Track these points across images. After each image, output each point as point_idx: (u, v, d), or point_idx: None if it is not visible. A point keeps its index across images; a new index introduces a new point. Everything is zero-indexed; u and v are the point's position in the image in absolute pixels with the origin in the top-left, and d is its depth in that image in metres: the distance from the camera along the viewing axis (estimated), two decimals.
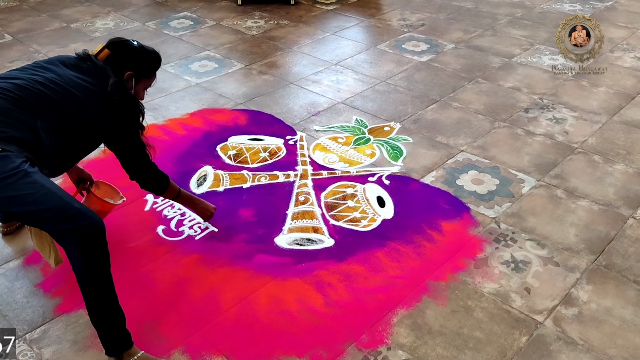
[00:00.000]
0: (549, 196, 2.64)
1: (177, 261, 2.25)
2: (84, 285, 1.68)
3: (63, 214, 1.61)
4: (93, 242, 1.64)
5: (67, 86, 1.82)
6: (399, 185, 2.71)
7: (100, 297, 1.71)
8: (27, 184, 1.59)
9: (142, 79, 2.05)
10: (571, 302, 2.09)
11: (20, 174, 1.58)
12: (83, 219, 1.63)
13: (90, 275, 1.67)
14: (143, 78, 2.05)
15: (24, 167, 1.60)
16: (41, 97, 1.75)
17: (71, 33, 4.43)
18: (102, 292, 1.71)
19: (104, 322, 1.74)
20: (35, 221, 1.70)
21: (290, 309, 2.04)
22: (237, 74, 3.82)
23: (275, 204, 2.58)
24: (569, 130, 3.18)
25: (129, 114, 1.95)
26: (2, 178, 1.57)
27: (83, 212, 1.64)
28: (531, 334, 1.96)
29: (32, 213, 1.62)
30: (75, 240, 1.62)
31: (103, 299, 1.71)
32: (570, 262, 2.26)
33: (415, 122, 3.24)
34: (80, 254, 1.64)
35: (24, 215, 1.67)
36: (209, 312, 2.03)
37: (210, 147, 2.99)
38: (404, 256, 2.28)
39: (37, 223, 1.71)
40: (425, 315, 2.02)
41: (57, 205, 1.61)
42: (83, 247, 1.63)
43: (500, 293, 2.12)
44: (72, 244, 1.63)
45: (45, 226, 1.69)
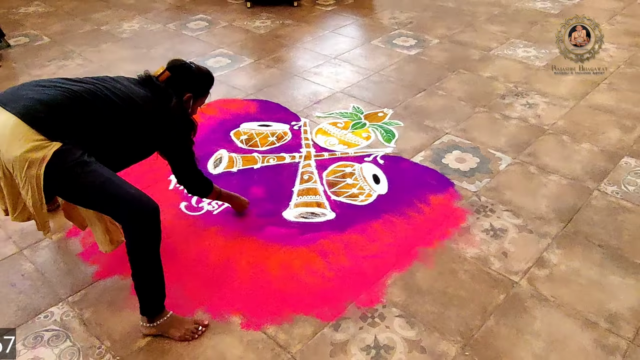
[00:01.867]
0: (523, 172, 2.61)
1: (198, 233, 2.24)
2: (134, 259, 1.65)
3: (119, 199, 1.56)
4: (146, 224, 1.59)
5: (132, 95, 1.73)
6: (391, 164, 2.68)
7: (147, 271, 1.68)
8: (87, 173, 1.54)
9: (199, 99, 1.96)
10: (543, 264, 2.07)
11: (81, 164, 1.54)
12: (137, 203, 1.58)
13: (140, 252, 1.64)
14: (199, 97, 1.96)
15: (83, 158, 1.55)
16: (106, 101, 1.66)
17: (101, 34, 4.36)
18: (149, 267, 1.67)
19: (147, 292, 1.72)
20: (94, 205, 1.65)
21: (297, 273, 2.03)
22: (247, 68, 3.77)
23: (283, 182, 2.56)
24: (540, 114, 3.13)
25: (185, 130, 1.87)
26: (65, 169, 1.52)
27: (138, 197, 1.59)
28: (508, 293, 1.95)
29: (92, 198, 1.58)
30: (130, 222, 1.59)
31: (150, 273, 1.68)
32: (542, 230, 2.24)
33: (405, 109, 3.20)
34: (134, 234, 1.60)
35: (85, 201, 1.62)
36: (226, 276, 2.02)
37: (225, 132, 2.96)
38: (397, 226, 2.26)
39: (96, 207, 1.66)
40: (416, 277, 2.01)
41: (114, 191, 1.57)
42: (136, 228, 1.59)
43: (480, 257, 2.11)
44: (126, 224, 1.60)
45: (104, 210, 1.65)
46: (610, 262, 2.08)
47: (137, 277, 1.68)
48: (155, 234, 1.63)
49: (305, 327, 1.83)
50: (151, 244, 1.64)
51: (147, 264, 1.67)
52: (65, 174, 1.53)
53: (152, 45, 4.15)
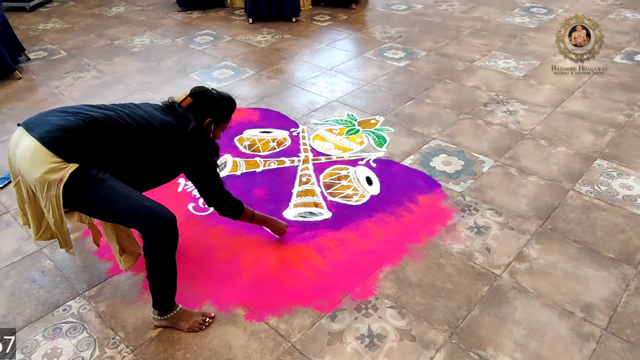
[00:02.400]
0: (504, 174, 2.63)
1: (205, 232, 2.25)
2: (151, 265, 1.64)
3: (136, 212, 1.55)
4: (162, 234, 1.58)
5: (151, 120, 1.69)
6: (383, 167, 2.69)
7: (163, 274, 1.67)
8: (103, 189, 1.53)
9: (220, 124, 1.90)
10: (523, 258, 2.08)
11: (96, 181, 1.52)
12: (153, 216, 1.56)
13: (158, 259, 1.63)
14: (221, 122, 1.90)
15: (99, 176, 1.53)
16: (124, 126, 1.62)
17: (115, 49, 4.37)
18: (165, 271, 1.66)
19: (161, 291, 1.71)
20: (112, 219, 1.63)
21: (297, 268, 2.04)
22: (250, 79, 3.78)
23: (283, 184, 2.57)
24: (520, 120, 3.15)
25: (206, 154, 1.80)
26: (82, 187, 1.51)
27: (154, 210, 1.58)
28: (491, 285, 1.96)
29: (109, 213, 1.57)
30: (148, 232, 1.58)
31: (165, 276, 1.67)
32: (522, 227, 2.26)
33: (395, 116, 3.21)
34: (151, 243, 1.59)
35: (103, 215, 1.61)
36: (232, 271, 2.03)
37: (229, 139, 2.96)
38: (389, 224, 2.27)
39: (114, 220, 1.64)
40: (406, 271, 2.02)
41: (130, 205, 1.55)
42: (154, 238, 1.58)
43: (465, 252, 2.12)
44: (146, 234, 1.59)
45: (121, 222, 1.64)
46: (585, 256, 2.09)
47: (152, 278, 1.67)
48: (172, 242, 1.62)
49: (304, 318, 1.84)
50: (168, 252, 1.63)
51: (164, 268, 1.66)
52: (83, 191, 1.52)
53: (161, 59, 4.16)
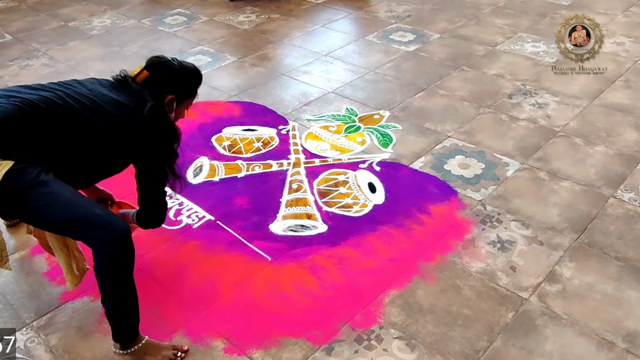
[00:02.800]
0: (533, 178, 2.64)
1: (176, 249, 2.25)
2: (104, 285, 1.63)
3: (84, 222, 1.54)
4: (116, 247, 1.57)
5: (99, 100, 1.67)
6: (389, 171, 2.70)
7: (119, 296, 1.66)
8: (45, 194, 1.51)
9: (183, 101, 1.89)
10: (555, 278, 2.10)
11: (38, 185, 1.50)
12: (105, 226, 1.56)
13: (112, 278, 1.62)
14: (185, 99, 1.90)
15: (41, 178, 1.51)
16: (67, 109, 1.61)
17: (69, 31, 4.38)
18: (122, 292, 1.66)
19: (120, 318, 1.70)
20: (57, 230, 1.64)
21: (285, 291, 2.04)
22: (230, 67, 3.80)
23: (270, 192, 2.57)
24: (551, 114, 3.17)
25: (164, 140, 1.79)
26: (20, 190, 1.49)
27: (105, 218, 1.58)
28: (517, 310, 1.97)
29: (53, 223, 1.56)
30: (99, 246, 1.57)
31: (122, 299, 1.67)
32: (553, 241, 2.27)
33: (403, 110, 3.23)
34: (104, 259, 1.58)
35: (46, 225, 1.61)
36: (208, 296, 2.03)
37: (205, 138, 2.97)
38: (395, 239, 2.28)
39: (60, 231, 1.65)
40: (416, 294, 2.03)
41: (78, 214, 1.54)
42: (107, 252, 1.57)
43: (487, 272, 2.13)
44: (96, 248, 1.58)
45: (68, 234, 1.64)
46: (628, 276, 2.10)
47: (108, 303, 1.67)
48: (126, 257, 1.62)
49: (294, 352, 1.84)
50: (123, 269, 1.63)
51: (119, 289, 1.65)
52: (21, 197, 1.49)
53: (125, 43, 4.17)
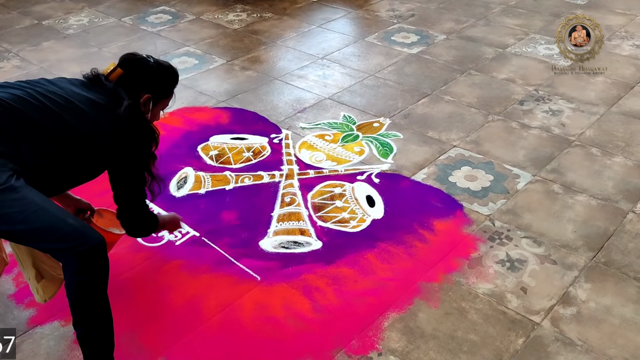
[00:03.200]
0: (546, 191, 2.66)
1: (157, 268, 2.25)
2: (76, 305, 1.63)
3: (55, 232, 1.55)
4: (90, 261, 1.58)
5: (72, 99, 1.69)
6: (389, 183, 2.72)
7: (92, 318, 1.66)
8: (14, 201, 1.51)
9: (160, 100, 1.92)
10: (569, 301, 2.10)
11: (7, 190, 1.51)
12: (78, 237, 1.56)
13: (84, 297, 1.62)
14: (161, 99, 1.93)
15: (10, 183, 1.52)
16: (38, 109, 1.63)
17: (43, 31, 4.41)
18: (95, 314, 1.66)
19: (93, 344, 1.70)
20: (25, 240, 1.64)
21: (276, 315, 2.05)
22: (218, 70, 3.82)
23: (260, 205, 2.58)
24: (565, 122, 3.20)
25: (142, 142, 1.81)
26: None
27: (78, 229, 1.58)
28: (528, 336, 1.97)
29: (22, 232, 1.56)
30: (71, 260, 1.57)
31: (95, 321, 1.67)
32: (568, 260, 2.28)
33: (405, 117, 3.25)
34: (76, 274, 1.58)
35: (13, 235, 1.60)
36: (191, 320, 2.03)
37: (191, 147, 2.99)
38: (395, 257, 2.29)
39: (28, 242, 1.65)
40: (418, 318, 2.03)
41: (49, 223, 1.55)
42: (79, 267, 1.57)
43: (495, 293, 2.13)
44: (67, 262, 1.58)
45: (37, 245, 1.64)
46: None
47: (80, 325, 1.67)
48: (100, 274, 1.62)
49: None
50: (96, 287, 1.63)
51: (92, 310, 1.65)
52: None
53: (103, 43, 4.19)
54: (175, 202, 2.59)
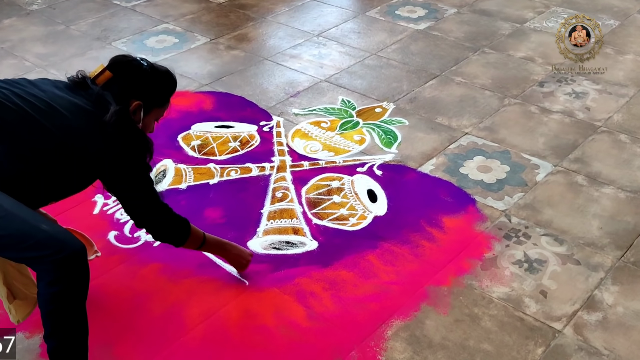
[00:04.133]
0: (568, 183, 2.66)
1: (133, 272, 2.25)
2: (50, 318, 1.62)
3: (27, 240, 1.54)
4: (68, 270, 1.57)
5: (54, 103, 1.67)
6: (393, 175, 2.72)
7: (67, 334, 1.66)
8: None
9: (153, 109, 1.90)
10: (594, 306, 2.11)
11: None
12: (54, 244, 1.55)
13: (59, 310, 1.61)
14: (154, 108, 1.90)
15: None
16: (16, 113, 1.61)
17: (4, 6, 4.38)
18: (70, 329, 1.65)
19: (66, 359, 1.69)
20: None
21: (267, 324, 2.05)
22: (201, 49, 3.81)
23: (248, 201, 2.58)
24: (590, 106, 3.20)
25: (132, 151, 1.79)
26: None
27: (54, 235, 1.57)
28: (548, 345, 1.98)
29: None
30: (47, 269, 1.56)
31: (70, 335, 1.66)
32: (593, 260, 2.29)
33: (411, 102, 3.25)
34: (52, 284, 1.57)
35: None
36: (172, 331, 2.03)
37: (170, 137, 2.98)
38: (400, 258, 2.29)
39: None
40: (425, 326, 2.04)
41: (20, 229, 1.54)
42: (56, 277, 1.56)
43: (511, 298, 2.14)
44: (42, 272, 1.57)
45: (8, 255, 1.63)
46: None
47: (52, 339, 1.66)
48: (79, 283, 1.61)
49: None
50: (74, 297, 1.62)
51: (68, 322, 1.65)
52: None
53: (71, 20, 4.17)
54: None
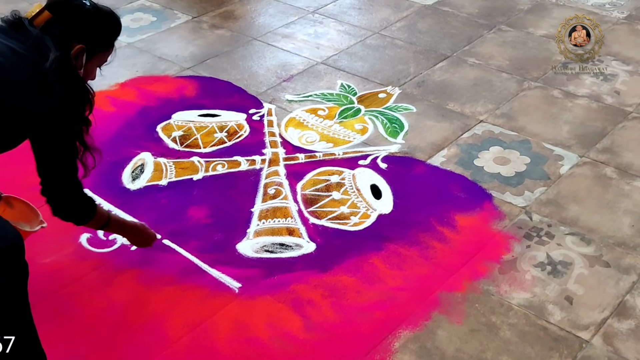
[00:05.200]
0: (596, 176, 2.67)
1: (108, 280, 2.25)
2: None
3: None
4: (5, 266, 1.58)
5: None
6: (399, 169, 2.73)
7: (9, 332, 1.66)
8: None
9: (96, 54, 1.91)
10: (626, 312, 2.12)
11: None
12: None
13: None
14: (98, 52, 1.92)
15: None
16: None
17: None
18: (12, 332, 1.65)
19: None
20: None
21: (259, 335, 2.05)
22: (182, 29, 3.81)
23: (237, 199, 2.59)
24: (620, 89, 3.21)
25: (72, 102, 1.81)
26: None
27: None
28: (575, 356, 1.98)
29: None
30: None
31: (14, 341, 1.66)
32: (624, 262, 2.30)
33: (419, 86, 3.25)
34: None
35: None
36: (152, 344, 2.03)
37: (149, 127, 2.99)
38: (408, 261, 2.30)
39: None
40: (437, 337, 2.04)
41: None
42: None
43: (533, 305, 2.15)
44: None
45: None
46: None
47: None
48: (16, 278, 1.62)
49: None
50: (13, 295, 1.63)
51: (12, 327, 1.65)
52: None
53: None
54: (129, 197, 2.59)
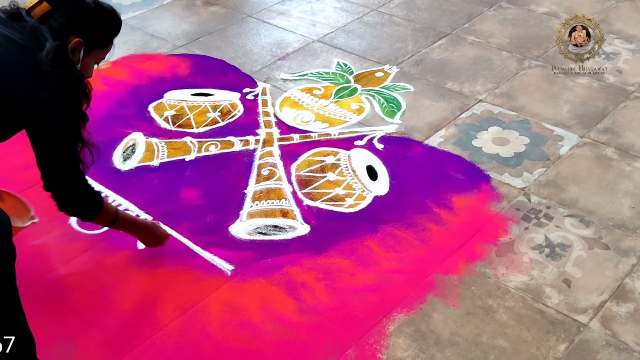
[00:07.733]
0: (596, 157, 2.67)
1: (98, 261, 2.25)
2: None
3: None
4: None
5: None
6: (396, 149, 2.72)
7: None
8: None
9: (94, 49, 1.91)
10: (625, 295, 2.12)
11: None
12: None
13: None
14: (96, 48, 1.91)
15: None
16: None
17: None
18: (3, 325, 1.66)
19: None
20: None
21: (252, 319, 2.06)
22: (174, 6, 3.79)
23: (230, 180, 2.59)
24: (622, 68, 3.20)
25: (67, 95, 1.81)
26: None
27: None
28: (572, 340, 1.99)
29: None
30: None
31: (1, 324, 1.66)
32: (623, 244, 2.29)
33: (417, 65, 3.24)
34: None
35: None
36: (143, 327, 2.03)
37: (140, 106, 2.98)
38: (403, 244, 2.30)
39: None
40: (432, 320, 2.05)
41: None
42: None
43: (530, 288, 2.15)
44: None
45: None
46: None
47: None
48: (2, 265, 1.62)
49: None
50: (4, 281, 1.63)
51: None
52: None
53: None
54: (120, 177, 2.59)
